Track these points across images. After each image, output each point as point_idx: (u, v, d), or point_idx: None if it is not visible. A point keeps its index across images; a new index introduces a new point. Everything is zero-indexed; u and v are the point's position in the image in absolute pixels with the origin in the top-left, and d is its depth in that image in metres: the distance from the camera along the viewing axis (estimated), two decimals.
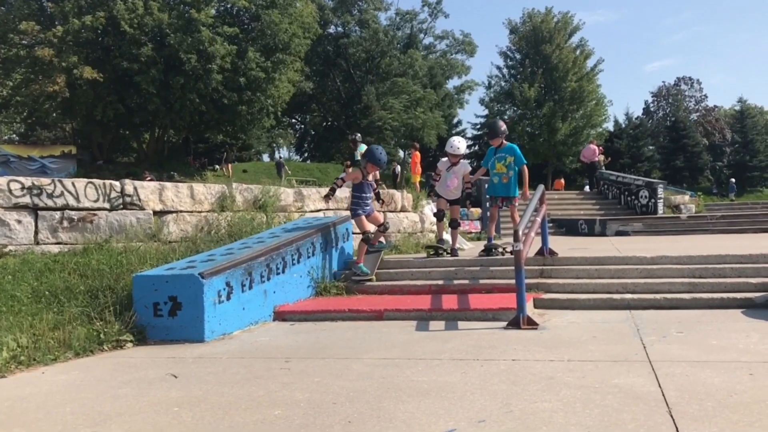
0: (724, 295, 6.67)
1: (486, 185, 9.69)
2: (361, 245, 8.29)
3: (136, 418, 3.51)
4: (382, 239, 8.94)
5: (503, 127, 9.05)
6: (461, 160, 9.18)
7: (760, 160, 51.75)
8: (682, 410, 3.21)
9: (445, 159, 9.26)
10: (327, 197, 8.73)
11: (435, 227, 13.33)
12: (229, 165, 34.13)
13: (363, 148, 19.49)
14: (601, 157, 26.71)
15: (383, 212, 12.15)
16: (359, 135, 20.08)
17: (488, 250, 8.87)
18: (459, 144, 9.05)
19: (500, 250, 8.90)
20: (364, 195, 8.30)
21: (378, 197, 8.72)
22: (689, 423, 3.01)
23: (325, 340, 5.76)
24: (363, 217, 8.29)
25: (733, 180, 45.32)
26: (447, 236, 9.63)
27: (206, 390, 4.09)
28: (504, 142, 8.87)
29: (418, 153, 25.28)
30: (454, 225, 9.42)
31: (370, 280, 8.21)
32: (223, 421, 3.39)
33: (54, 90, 27.14)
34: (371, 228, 8.36)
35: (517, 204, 9.09)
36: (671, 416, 3.13)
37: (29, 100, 28.28)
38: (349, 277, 8.30)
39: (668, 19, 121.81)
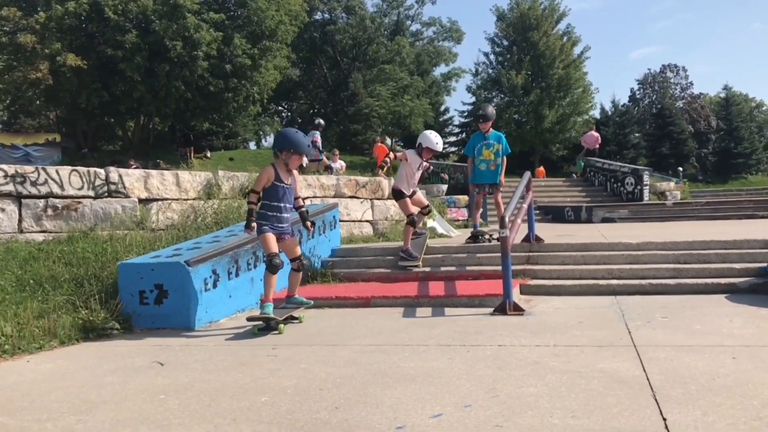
0: (709, 281, 6.74)
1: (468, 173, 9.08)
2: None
3: (122, 406, 3.50)
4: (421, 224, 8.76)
5: (494, 112, 9.00)
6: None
7: (744, 147, 52.04)
8: (666, 394, 3.24)
9: (412, 151, 8.40)
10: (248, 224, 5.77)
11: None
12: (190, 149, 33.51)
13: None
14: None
15: (370, 200, 12.15)
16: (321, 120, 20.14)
17: (475, 238, 8.77)
18: (439, 140, 8.49)
19: (487, 237, 8.79)
20: (275, 203, 5.90)
21: (303, 218, 6.12)
22: (673, 406, 3.04)
23: (312, 327, 5.76)
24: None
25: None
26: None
27: (193, 377, 4.08)
28: (491, 129, 8.75)
29: (383, 146, 23.89)
30: (413, 221, 8.28)
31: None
32: (210, 407, 3.39)
33: (37, 77, 26.78)
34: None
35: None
36: (655, 400, 3.16)
37: (12, 87, 27.90)
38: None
39: (653, 6, 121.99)
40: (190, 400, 3.54)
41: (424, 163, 8.41)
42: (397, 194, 8.33)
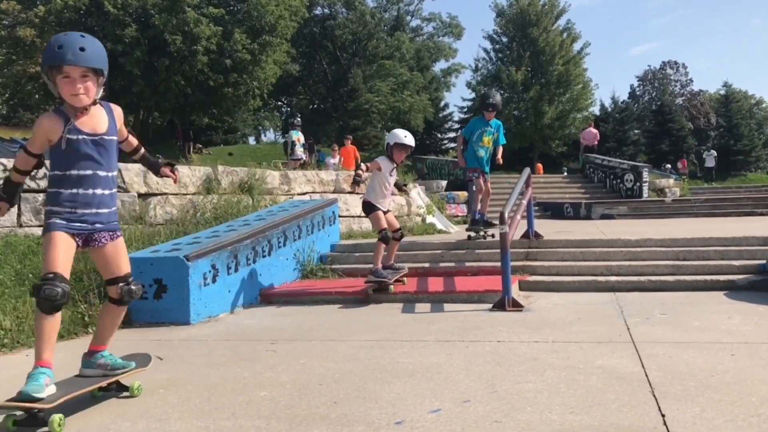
0: (708, 278, 6.74)
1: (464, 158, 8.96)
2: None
3: (120, 400, 3.50)
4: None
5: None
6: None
7: (744, 144, 52.08)
8: (664, 390, 3.25)
9: (383, 158, 7.04)
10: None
11: (421, 211, 13.35)
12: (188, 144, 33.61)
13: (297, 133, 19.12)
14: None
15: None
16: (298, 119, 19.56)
17: (475, 228, 8.75)
18: (407, 134, 7.06)
19: (482, 233, 8.80)
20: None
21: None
22: (672, 403, 3.05)
23: (311, 323, 5.76)
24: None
25: (669, 166, 45.82)
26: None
27: (192, 372, 4.08)
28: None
29: (352, 148, 20.90)
30: (391, 238, 6.90)
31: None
32: (209, 402, 3.39)
33: (36, 71, 26.78)
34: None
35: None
36: (654, 396, 3.16)
37: (11, 81, 27.93)
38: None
39: (651, 2, 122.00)
40: (189, 395, 3.54)
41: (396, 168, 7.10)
42: (367, 207, 7.01)
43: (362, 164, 6.93)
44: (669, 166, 41.09)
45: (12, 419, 3.17)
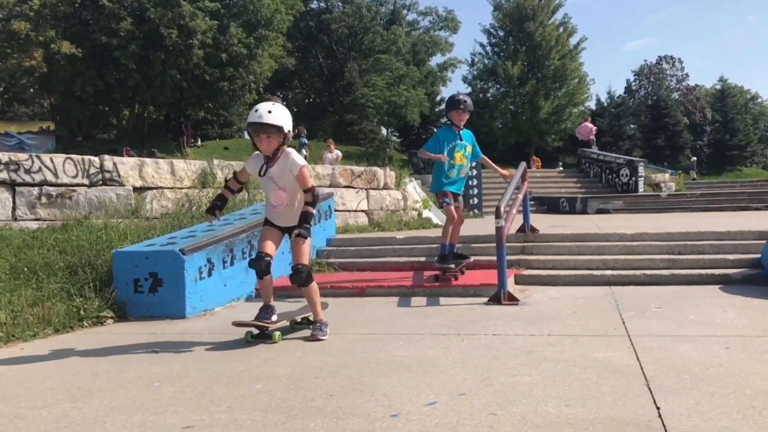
0: (703, 272, 6.76)
1: (435, 175, 6.96)
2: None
3: (116, 394, 3.49)
4: None
5: None
6: (286, 149, 4.68)
7: (739, 140, 52.18)
8: (659, 383, 3.26)
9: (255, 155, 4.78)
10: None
11: (417, 205, 13.37)
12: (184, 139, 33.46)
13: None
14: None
15: (366, 190, 12.14)
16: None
17: (445, 261, 6.76)
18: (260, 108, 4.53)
19: (454, 272, 6.78)
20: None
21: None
22: (666, 395, 3.06)
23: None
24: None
25: (695, 159, 46.02)
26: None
27: (187, 365, 4.08)
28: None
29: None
30: (305, 280, 4.71)
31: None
32: (205, 395, 3.39)
33: (31, 65, 26.67)
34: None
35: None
36: (649, 389, 3.17)
37: (6, 74, 27.78)
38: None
39: None
40: (185, 388, 3.54)
41: (277, 168, 4.63)
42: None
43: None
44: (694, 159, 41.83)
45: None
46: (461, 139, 6.76)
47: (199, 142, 34.65)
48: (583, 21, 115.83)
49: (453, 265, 6.74)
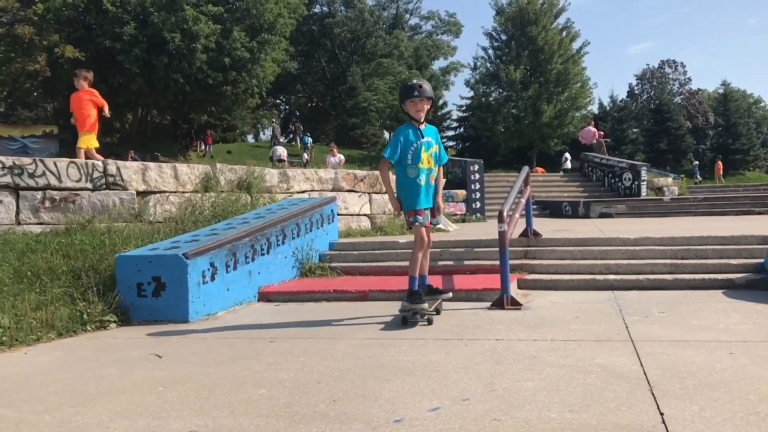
0: (706, 276, 6.75)
1: (402, 186, 5.52)
2: None
3: (120, 398, 3.50)
4: None
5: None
6: None
7: (742, 143, 52.14)
8: (663, 388, 3.25)
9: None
10: None
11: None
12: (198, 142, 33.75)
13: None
14: (602, 141, 26.84)
15: (368, 194, 12.15)
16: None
17: (416, 299, 5.31)
18: None
19: (428, 311, 5.32)
20: None
21: None
22: (670, 401, 3.05)
23: (310, 321, 5.76)
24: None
25: (697, 163, 46.07)
26: None
27: (191, 370, 4.08)
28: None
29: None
30: None
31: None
32: (208, 400, 3.39)
33: (35, 69, 26.78)
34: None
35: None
36: (652, 394, 3.17)
37: (9, 79, 27.88)
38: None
39: (646, 1, 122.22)
40: (188, 393, 3.54)
41: None
42: None
43: None
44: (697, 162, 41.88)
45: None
46: (423, 136, 5.44)
47: (211, 151, 34.70)
48: (584, 25, 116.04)
49: (426, 305, 5.34)
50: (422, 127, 5.47)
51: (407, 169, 5.39)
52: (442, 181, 5.85)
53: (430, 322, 5.30)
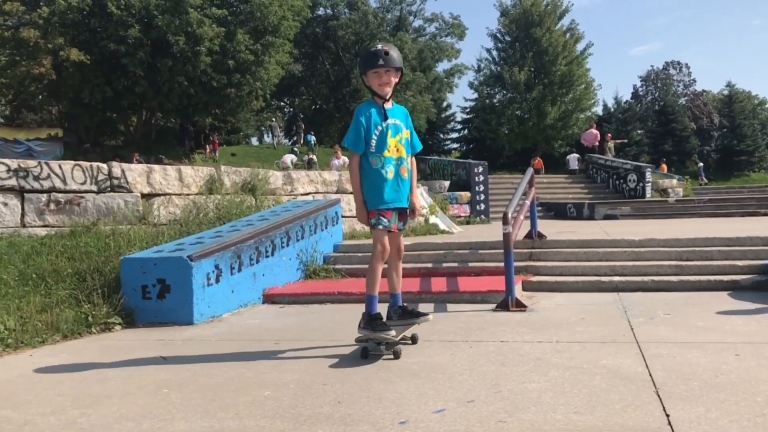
0: (711, 278, 6.73)
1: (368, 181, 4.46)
2: None
3: (125, 400, 3.50)
4: None
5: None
6: None
7: (747, 145, 51.99)
8: (668, 390, 3.24)
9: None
10: None
11: (424, 211, 13.35)
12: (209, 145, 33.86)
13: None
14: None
15: None
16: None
17: (383, 329, 4.22)
18: None
19: (394, 339, 4.23)
20: None
21: None
22: (676, 403, 3.04)
23: (314, 323, 5.76)
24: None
25: (702, 164, 45.96)
26: None
27: (195, 372, 4.08)
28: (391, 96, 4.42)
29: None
30: None
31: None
32: (213, 402, 3.39)
33: (40, 72, 26.83)
34: None
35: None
36: (658, 396, 3.16)
37: (14, 82, 27.93)
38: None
39: (650, 2, 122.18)
40: (193, 395, 3.54)
41: None
42: None
43: None
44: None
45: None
46: (388, 117, 4.32)
47: (217, 155, 34.77)
48: (588, 26, 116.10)
49: (393, 332, 4.21)
50: (388, 105, 4.34)
51: (370, 158, 4.30)
52: (415, 170, 4.65)
53: (396, 355, 4.14)
